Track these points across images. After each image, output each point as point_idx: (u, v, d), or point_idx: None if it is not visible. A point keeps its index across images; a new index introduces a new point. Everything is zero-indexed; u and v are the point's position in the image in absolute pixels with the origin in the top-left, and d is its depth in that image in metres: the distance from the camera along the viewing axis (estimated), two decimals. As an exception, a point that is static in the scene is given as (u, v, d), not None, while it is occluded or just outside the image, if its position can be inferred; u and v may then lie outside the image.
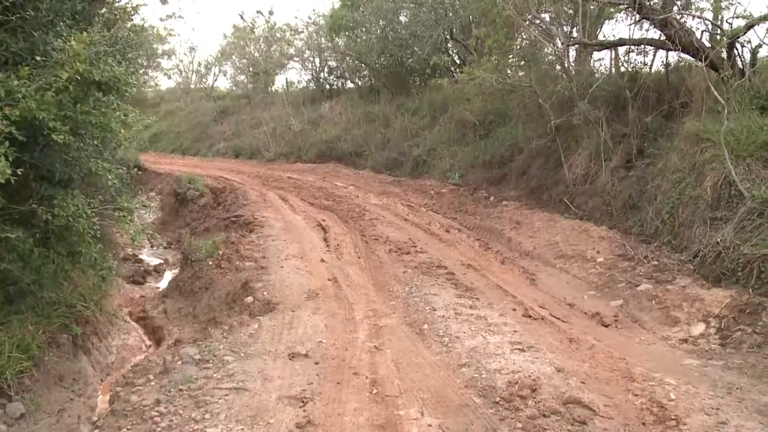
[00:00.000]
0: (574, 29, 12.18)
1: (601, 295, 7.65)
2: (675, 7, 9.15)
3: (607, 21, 12.61)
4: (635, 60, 11.57)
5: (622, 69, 11.85)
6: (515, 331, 6.11)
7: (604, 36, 12.58)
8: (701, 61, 8.74)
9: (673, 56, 10.65)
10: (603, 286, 7.88)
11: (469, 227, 11.19)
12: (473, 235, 10.58)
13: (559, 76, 12.07)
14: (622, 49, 11.73)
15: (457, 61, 19.58)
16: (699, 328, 6.45)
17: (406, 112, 19.42)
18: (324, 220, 11.28)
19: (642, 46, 10.91)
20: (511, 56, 13.50)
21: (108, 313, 7.53)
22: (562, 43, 11.62)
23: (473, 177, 14.12)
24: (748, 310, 6.27)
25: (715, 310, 6.57)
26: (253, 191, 15.24)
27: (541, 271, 8.71)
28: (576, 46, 11.93)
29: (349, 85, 27.25)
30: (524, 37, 13.00)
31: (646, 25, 10.36)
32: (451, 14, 18.27)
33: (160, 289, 10.31)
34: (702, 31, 9.52)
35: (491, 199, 12.64)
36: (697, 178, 8.19)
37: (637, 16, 9.92)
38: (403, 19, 21.50)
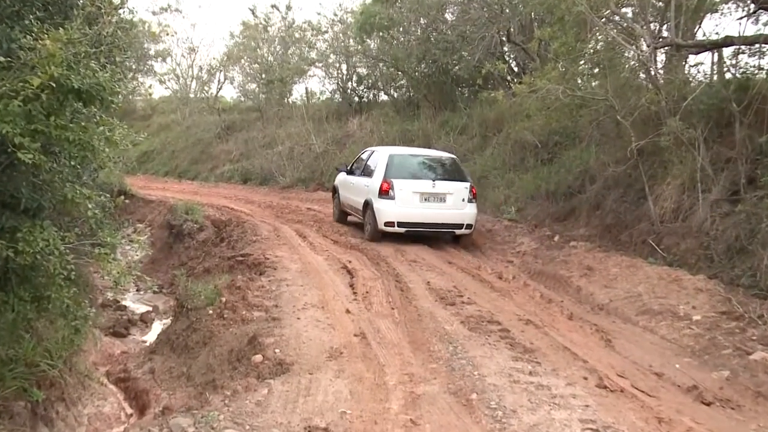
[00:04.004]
0: (665, 27, 12.04)
1: (700, 363, 7.38)
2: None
3: (709, 15, 12.42)
4: (746, 64, 11.30)
5: (728, 76, 11.60)
6: (587, 405, 5.96)
7: (705, 34, 12.39)
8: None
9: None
10: (702, 352, 7.63)
11: (528, 273, 11.06)
12: (533, 284, 10.46)
13: (644, 86, 11.96)
14: (728, 51, 11.51)
15: (515, 69, 19.61)
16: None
17: (452, 130, 19.52)
18: (350, 262, 11.27)
19: (757, 45, 10.65)
20: (582, 62, 13.43)
21: (80, 373, 7.53)
22: (648, 45, 11.49)
23: (534, 211, 14.01)
24: None
25: None
26: (264, 225, 15.35)
27: (620, 330, 8.50)
28: (666, 48, 11.79)
29: (383, 97, 27.49)
30: (600, 38, 12.94)
31: (764, 17, 10.04)
32: (508, 11, 18.34)
33: (147, 344, 10.36)
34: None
35: (556, 238, 12.51)
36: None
37: (752, 6, 9.64)
38: (449, 17, 21.69)
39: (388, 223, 13.00)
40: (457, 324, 8.23)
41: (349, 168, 15.47)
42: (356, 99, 27.97)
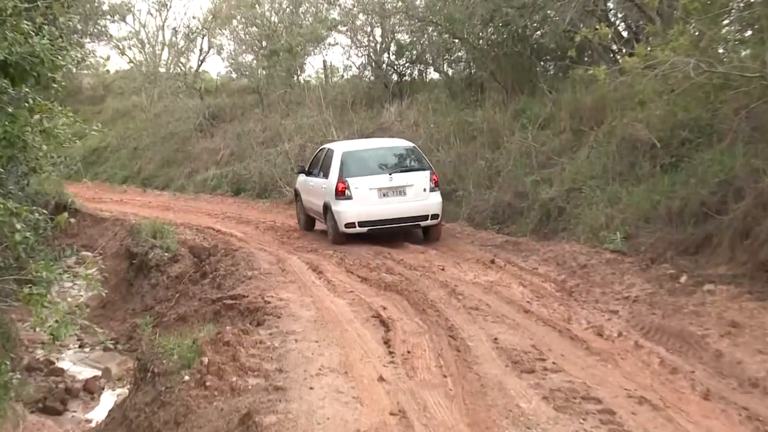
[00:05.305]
0: None
1: None
2: None
3: None
4: None
5: None
6: None
7: None
8: None
9: None
10: None
11: (641, 329, 10.85)
12: (649, 344, 10.24)
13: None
14: None
15: (625, 35, 19.49)
16: None
17: (530, 123, 19.56)
18: (385, 309, 11.36)
19: None
20: (726, 23, 13.28)
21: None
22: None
23: (649, 240, 13.82)
24: None
25: None
26: (264, 254, 15.62)
27: (784, 417, 8.34)
28: None
29: (432, 75, 27.52)
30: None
31: None
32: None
33: (93, 425, 10.38)
34: None
35: (683, 279, 12.27)
36: None
37: None
38: (528, -37, 21.64)
39: (348, 225, 16.73)
40: (538, 400, 8.19)
41: (307, 169, 19.39)
42: (395, 78, 28.05)
